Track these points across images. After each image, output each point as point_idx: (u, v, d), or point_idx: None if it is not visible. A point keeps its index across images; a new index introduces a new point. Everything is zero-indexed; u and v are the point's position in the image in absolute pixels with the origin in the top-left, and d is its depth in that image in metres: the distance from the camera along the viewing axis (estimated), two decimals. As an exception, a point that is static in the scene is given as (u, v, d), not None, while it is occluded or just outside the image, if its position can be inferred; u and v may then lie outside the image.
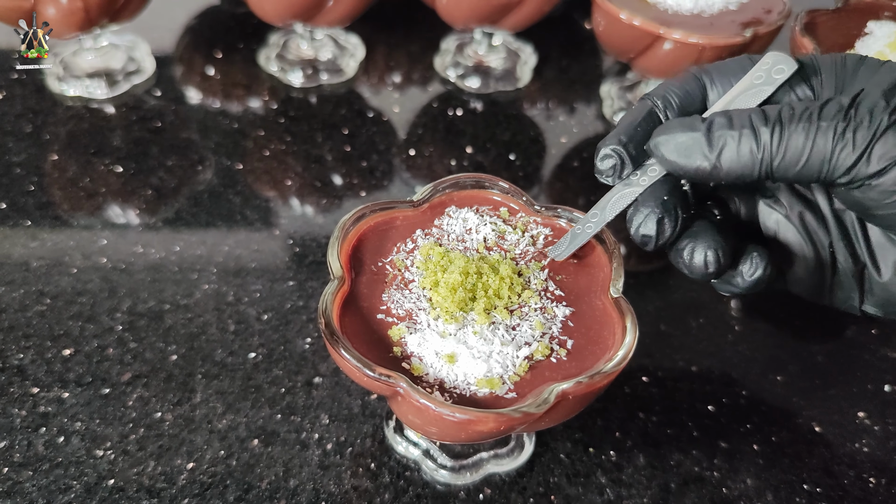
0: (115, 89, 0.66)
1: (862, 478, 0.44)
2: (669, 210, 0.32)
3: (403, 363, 0.34)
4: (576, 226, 0.37)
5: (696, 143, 0.30)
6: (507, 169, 0.63)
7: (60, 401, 0.44)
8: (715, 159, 0.30)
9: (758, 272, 0.33)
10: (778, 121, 0.29)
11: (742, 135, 0.30)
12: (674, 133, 0.31)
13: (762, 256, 0.33)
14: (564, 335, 0.35)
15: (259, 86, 0.69)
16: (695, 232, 0.33)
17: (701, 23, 0.59)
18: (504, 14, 0.66)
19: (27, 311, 0.48)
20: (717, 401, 0.47)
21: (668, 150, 0.31)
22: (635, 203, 0.33)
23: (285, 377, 0.46)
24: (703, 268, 0.33)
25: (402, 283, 0.37)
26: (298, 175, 0.60)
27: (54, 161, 0.60)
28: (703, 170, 0.31)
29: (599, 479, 0.43)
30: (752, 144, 0.30)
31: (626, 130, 0.33)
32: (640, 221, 0.32)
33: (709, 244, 0.32)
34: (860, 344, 0.52)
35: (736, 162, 0.30)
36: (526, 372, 0.33)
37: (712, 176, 0.31)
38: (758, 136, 0.29)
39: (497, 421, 0.30)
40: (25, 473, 0.40)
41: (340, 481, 0.41)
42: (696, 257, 0.33)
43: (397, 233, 0.39)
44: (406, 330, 0.35)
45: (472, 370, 0.33)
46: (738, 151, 0.30)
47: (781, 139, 0.29)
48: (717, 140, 0.30)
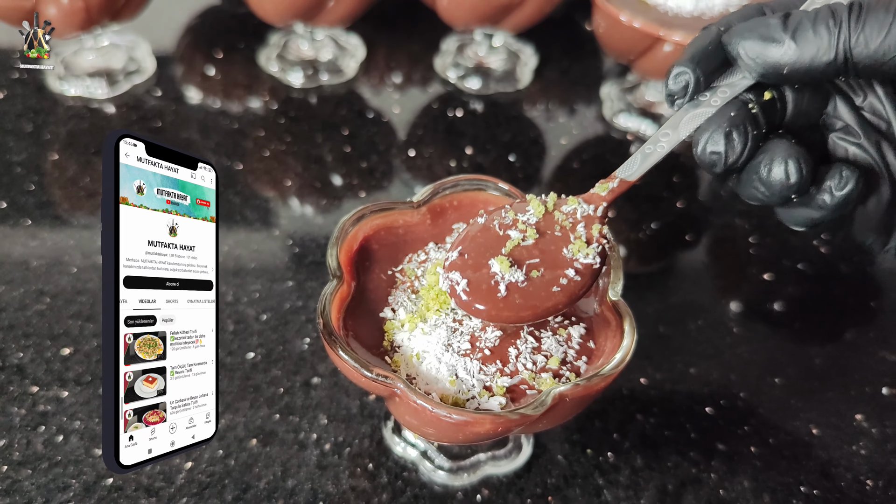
0: (116, 89, 0.66)
1: (859, 480, 0.44)
2: (738, 125, 0.30)
3: (385, 357, 0.35)
4: (646, 145, 0.34)
5: (773, 28, 0.29)
6: (507, 170, 0.63)
7: (59, 400, 0.44)
8: (790, 38, 0.29)
9: (848, 185, 0.30)
10: (858, 2, 0.28)
11: (818, 13, 0.28)
12: (751, 26, 0.30)
13: (852, 170, 0.30)
14: (580, 359, 0.35)
15: (259, 86, 0.69)
16: (770, 147, 0.31)
17: (701, 25, 0.59)
18: (504, 15, 0.66)
19: (27, 310, 0.48)
20: (715, 403, 0.47)
21: (745, 43, 0.30)
22: (701, 124, 0.31)
23: (284, 377, 0.46)
24: (785, 179, 0.30)
25: (411, 288, 0.37)
26: (298, 175, 0.61)
27: (55, 160, 0.60)
28: (777, 56, 0.29)
29: (597, 480, 0.43)
30: (828, 21, 0.28)
31: (697, 52, 0.31)
32: (706, 138, 0.31)
33: (789, 153, 0.30)
34: (858, 346, 0.52)
35: (812, 42, 0.28)
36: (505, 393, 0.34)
37: (787, 60, 0.29)
38: (836, 14, 0.28)
39: (494, 423, 0.30)
40: (24, 472, 0.40)
41: (338, 482, 0.41)
42: (774, 170, 0.30)
43: (407, 241, 0.40)
44: (398, 326, 0.35)
45: (437, 375, 0.33)
46: (814, 29, 0.28)
47: (861, 13, 0.28)
48: (793, 21, 0.29)
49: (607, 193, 0.35)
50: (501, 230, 0.35)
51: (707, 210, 0.63)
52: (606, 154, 0.66)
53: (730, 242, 0.60)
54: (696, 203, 0.62)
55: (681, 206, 0.61)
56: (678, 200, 0.62)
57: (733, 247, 0.59)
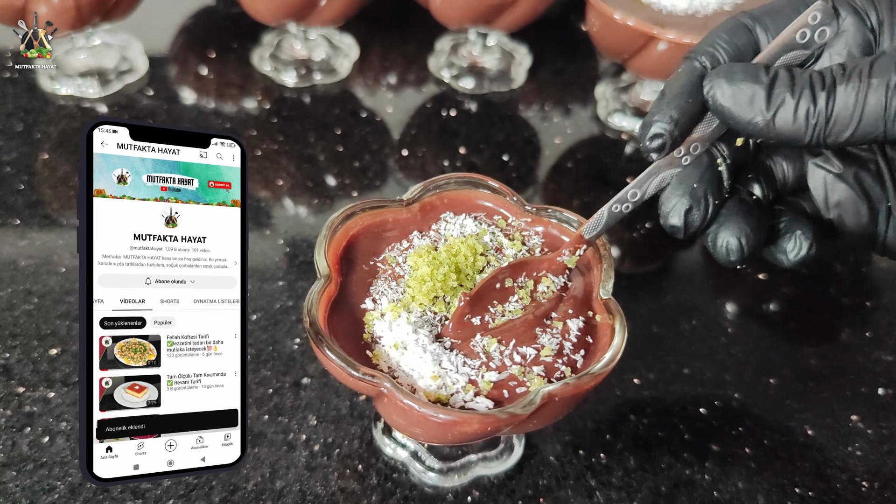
0: (108, 88, 0.66)
1: (854, 482, 0.43)
2: (698, 199, 0.31)
3: (367, 351, 0.34)
4: (612, 203, 0.34)
5: (755, 97, 0.29)
6: (500, 170, 0.63)
7: (46, 400, 0.43)
8: (770, 117, 0.29)
9: (802, 252, 0.32)
10: (832, 84, 0.28)
11: (801, 97, 0.28)
12: (735, 82, 0.29)
13: (806, 234, 0.32)
14: (577, 353, 0.35)
15: (252, 86, 0.69)
16: (723, 216, 0.32)
17: (695, 23, 0.59)
18: (498, 14, 0.66)
19: (14, 310, 0.48)
20: (710, 403, 0.47)
21: (725, 99, 0.29)
22: (665, 190, 0.32)
23: (273, 378, 0.46)
24: (726, 256, 0.32)
25: (392, 276, 0.37)
26: (290, 175, 0.60)
27: (45, 160, 0.59)
28: (755, 125, 0.29)
29: (589, 481, 0.42)
30: (808, 107, 0.28)
31: (677, 104, 0.31)
32: (669, 210, 0.32)
33: (733, 231, 0.31)
34: (854, 347, 0.52)
35: (790, 125, 0.29)
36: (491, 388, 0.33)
37: (762, 134, 0.29)
38: (816, 101, 0.28)
39: (482, 422, 0.30)
40: (9, 473, 0.40)
41: (327, 483, 0.41)
42: (718, 245, 0.32)
43: (392, 234, 0.39)
44: (378, 316, 0.35)
45: (420, 368, 0.33)
46: (794, 114, 0.28)
47: (834, 103, 0.28)
48: (776, 98, 0.29)
49: (575, 262, 0.37)
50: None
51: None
52: (601, 154, 0.66)
53: (725, 242, 0.59)
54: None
55: (675, 206, 0.61)
56: (673, 200, 0.61)
57: (728, 247, 0.59)
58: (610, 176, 0.64)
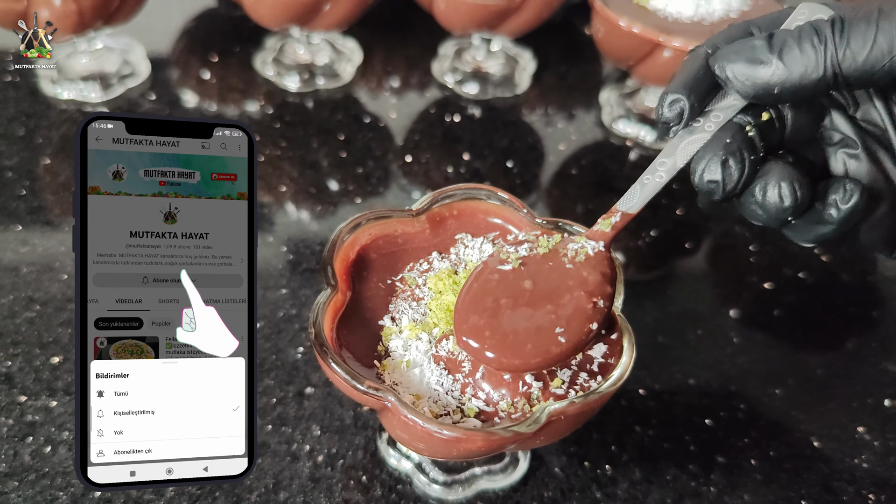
0: (110, 92, 0.65)
1: (861, 494, 0.43)
2: (734, 152, 0.30)
3: (376, 360, 0.34)
4: (644, 175, 0.33)
5: (757, 49, 0.29)
6: (504, 176, 0.62)
7: (48, 410, 0.43)
8: (777, 58, 0.29)
9: (854, 198, 0.30)
10: (839, 17, 0.28)
11: (802, 32, 0.29)
12: (737, 48, 0.30)
13: (855, 183, 0.31)
14: (593, 379, 0.34)
15: (255, 90, 0.69)
16: (766, 170, 0.31)
17: (701, 31, 0.58)
18: (503, 20, 0.65)
19: (16, 317, 0.48)
20: (715, 414, 0.46)
21: (732, 64, 0.30)
22: (697, 151, 0.31)
23: (277, 387, 0.45)
24: (780, 203, 0.30)
25: (412, 297, 0.37)
26: (293, 181, 0.60)
27: (46, 165, 0.59)
28: (765, 79, 0.29)
29: (594, 493, 0.42)
30: (812, 38, 0.28)
31: (688, 77, 0.31)
32: (703, 167, 0.31)
33: (783, 177, 0.30)
34: (860, 357, 0.51)
35: (799, 60, 0.28)
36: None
37: (776, 85, 0.29)
38: (819, 31, 0.28)
39: (486, 440, 0.29)
40: (11, 484, 0.40)
41: (331, 494, 0.41)
42: (769, 193, 0.30)
43: (404, 249, 0.39)
44: (397, 332, 0.35)
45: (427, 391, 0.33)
46: (800, 48, 0.28)
47: (843, 28, 0.28)
48: (778, 42, 0.29)
49: (611, 229, 0.34)
50: (508, 274, 0.34)
51: (707, 218, 0.62)
52: (605, 160, 0.66)
53: (730, 250, 0.59)
54: (695, 210, 0.61)
55: (680, 214, 0.61)
56: (677, 208, 0.61)
57: (733, 255, 0.59)
58: (614, 182, 0.63)
